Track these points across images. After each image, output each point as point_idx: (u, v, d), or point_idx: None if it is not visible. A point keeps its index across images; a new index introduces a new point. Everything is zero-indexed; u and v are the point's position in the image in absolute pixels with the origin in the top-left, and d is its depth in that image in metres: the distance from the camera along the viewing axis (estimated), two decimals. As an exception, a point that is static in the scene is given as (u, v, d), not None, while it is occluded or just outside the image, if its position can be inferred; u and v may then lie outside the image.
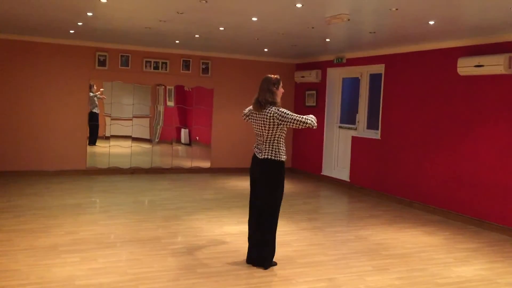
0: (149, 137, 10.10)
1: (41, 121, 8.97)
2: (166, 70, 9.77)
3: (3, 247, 4.76)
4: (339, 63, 9.45)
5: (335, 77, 9.89)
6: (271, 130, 4.39)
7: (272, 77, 4.51)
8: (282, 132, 4.45)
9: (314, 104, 10.17)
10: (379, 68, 8.53)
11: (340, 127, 9.79)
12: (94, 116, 9.61)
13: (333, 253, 5.08)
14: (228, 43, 8.52)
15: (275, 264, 4.57)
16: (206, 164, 10.33)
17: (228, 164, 10.39)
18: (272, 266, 4.52)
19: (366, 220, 6.63)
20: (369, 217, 6.81)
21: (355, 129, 9.26)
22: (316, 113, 8.70)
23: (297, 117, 4.35)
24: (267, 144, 4.44)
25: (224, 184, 8.96)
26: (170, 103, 10.25)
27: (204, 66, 10.08)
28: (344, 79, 9.82)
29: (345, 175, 9.29)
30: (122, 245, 5.04)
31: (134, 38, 8.38)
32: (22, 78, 8.81)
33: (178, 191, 8.14)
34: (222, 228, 5.85)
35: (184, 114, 10.42)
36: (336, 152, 9.88)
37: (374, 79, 8.88)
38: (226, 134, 10.34)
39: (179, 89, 10.15)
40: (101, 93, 9.63)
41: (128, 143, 9.78)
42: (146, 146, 10.01)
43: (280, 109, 4.39)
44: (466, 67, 6.48)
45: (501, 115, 6.27)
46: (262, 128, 4.43)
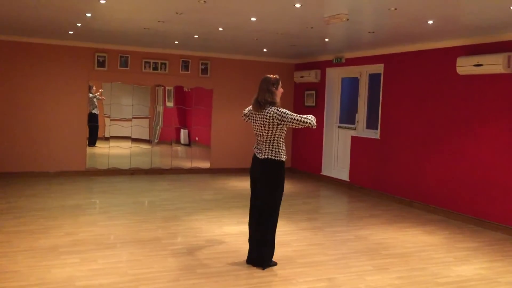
0: (149, 138, 10.10)
1: (41, 122, 8.97)
2: (165, 71, 9.77)
3: (3, 248, 4.75)
4: (338, 63, 9.45)
5: (334, 77, 9.89)
6: (271, 130, 4.39)
7: (272, 77, 4.52)
8: (282, 132, 4.45)
9: (314, 104, 10.17)
10: (378, 68, 8.53)
11: (340, 127, 9.80)
12: (94, 117, 9.61)
13: (333, 253, 5.08)
14: (227, 44, 8.52)
15: (275, 264, 4.57)
16: (206, 165, 10.33)
17: (228, 165, 10.39)
18: (272, 266, 4.52)
19: (366, 220, 6.63)
20: (369, 217, 6.82)
21: (355, 129, 9.27)
22: (316, 113, 8.70)
23: (297, 117, 4.35)
24: (267, 144, 4.44)
25: (224, 185, 8.96)
26: (170, 104, 10.25)
27: (203, 67, 10.08)
28: (343, 79, 9.82)
29: (345, 175, 9.29)
30: (122, 246, 5.04)
31: (133, 39, 8.38)
32: (21, 79, 8.81)
33: (178, 192, 8.13)
34: (222, 229, 5.84)
35: (184, 115, 10.42)
36: (336, 152, 9.88)
37: (373, 79, 8.88)
38: (226, 135, 10.34)
39: (179, 90, 10.15)
40: (101, 94, 9.63)
41: (128, 144, 9.78)
42: (146, 147, 10.01)
43: (280, 109, 4.40)
44: (465, 67, 6.49)
45: (500, 114, 6.27)
46: (262, 128, 4.43)
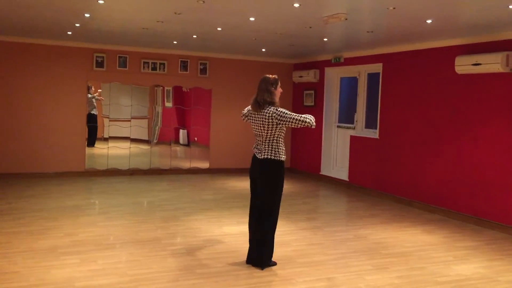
0: (148, 138, 10.10)
1: (39, 123, 8.96)
2: (164, 71, 9.77)
3: (3, 249, 4.75)
4: (337, 63, 9.45)
5: (333, 77, 9.89)
6: (270, 130, 4.39)
7: (270, 77, 4.51)
8: (281, 132, 4.45)
9: (313, 104, 10.17)
10: (377, 67, 8.53)
11: (339, 127, 9.80)
12: (93, 118, 9.60)
13: (333, 253, 5.08)
14: (226, 44, 8.52)
15: (275, 264, 4.57)
16: (205, 165, 10.32)
17: (227, 165, 10.39)
18: (272, 266, 4.52)
19: (365, 219, 6.63)
20: (368, 216, 6.82)
21: (354, 129, 9.27)
22: (315, 113, 8.71)
23: (296, 116, 4.35)
24: (267, 144, 4.44)
25: (223, 185, 8.95)
26: (168, 104, 10.25)
27: (202, 67, 10.07)
28: (342, 79, 9.82)
29: (344, 175, 9.30)
30: (122, 247, 5.04)
31: (132, 39, 8.38)
32: (20, 80, 8.80)
33: (177, 192, 8.13)
34: (222, 229, 5.84)
35: (183, 115, 10.42)
36: (335, 152, 9.89)
37: (372, 78, 8.88)
38: (225, 135, 10.33)
39: (177, 90, 10.14)
40: (99, 95, 9.63)
41: (127, 144, 9.77)
42: (145, 147, 10.01)
43: (279, 109, 4.40)
44: (464, 66, 6.49)
45: (499, 113, 6.27)
46: (261, 128, 4.43)
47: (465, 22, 5.75)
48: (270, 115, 4.36)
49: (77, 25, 7.06)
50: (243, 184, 8.76)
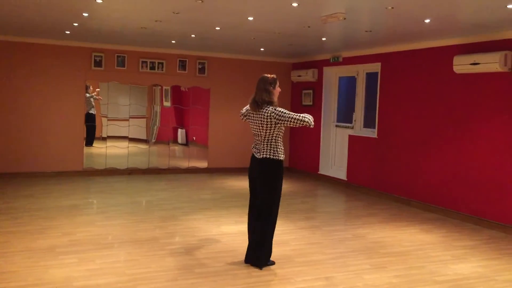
0: (146, 138, 10.09)
1: (38, 122, 8.95)
2: (163, 70, 9.76)
3: (1, 249, 4.74)
4: (336, 62, 9.46)
5: (332, 76, 9.90)
6: (269, 130, 4.39)
7: (269, 77, 4.51)
8: (280, 131, 4.45)
9: (311, 103, 10.17)
10: (376, 67, 8.54)
11: (337, 126, 9.81)
12: (91, 117, 9.60)
13: (331, 252, 5.09)
14: (225, 43, 8.51)
15: (273, 263, 4.57)
16: (203, 164, 10.32)
17: (225, 164, 10.38)
18: (270, 265, 4.53)
19: (364, 219, 6.63)
20: (367, 216, 6.82)
21: (352, 128, 9.28)
22: (313, 112, 8.69)
23: (294, 116, 4.35)
24: (265, 144, 4.44)
25: (222, 184, 8.95)
26: (167, 103, 10.25)
27: (201, 66, 10.07)
28: (341, 78, 9.83)
29: (342, 174, 9.30)
30: (120, 246, 5.03)
31: (130, 39, 8.37)
32: (18, 79, 8.79)
33: (176, 192, 8.13)
34: (220, 228, 5.84)
35: (181, 114, 10.41)
36: (333, 151, 9.89)
37: (371, 78, 8.89)
38: (223, 134, 10.33)
39: (176, 89, 10.14)
40: (97, 94, 9.62)
41: (125, 144, 9.76)
42: (143, 147, 10.00)
43: (277, 109, 4.40)
44: (462, 65, 6.50)
45: (497, 113, 6.28)
46: (260, 128, 4.43)
47: (463, 22, 5.76)
48: (269, 115, 4.36)
49: (76, 25, 7.05)
50: (242, 184, 8.76)
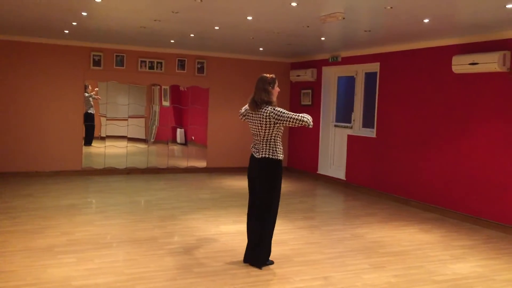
0: (145, 137, 10.09)
1: (36, 122, 8.94)
2: (161, 70, 9.75)
3: (-1, 249, 4.75)
4: (335, 62, 9.46)
5: (331, 76, 9.90)
6: (268, 130, 4.39)
7: (268, 77, 4.51)
8: (279, 131, 4.45)
9: (310, 103, 10.17)
10: (374, 67, 8.54)
11: (336, 126, 9.81)
12: (90, 117, 9.59)
13: (330, 252, 5.09)
14: (224, 43, 8.51)
15: (272, 263, 4.57)
16: (202, 164, 10.32)
17: (224, 164, 10.38)
18: (269, 265, 4.53)
19: (362, 218, 6.64)
20: (365, 215, 6.83)
21: (351, 128, 9.28)
22: (312, 112, 8.71)
23: (293, 115, 4.35)
24: (264, 143, 4.44)
25: (220, 184, 8.95)
26: (166, 103, 10.24)
27: (199, 66, 10.06)
28: (340, 78, 9.83)
29: (341, 174, 9.31)
30: (119, 246, 5.03)
31: (129, 38, 8.36)
32: (16, 79, 8.77)
33: (174, 191, 8.13)
34: (219, 228, 5.84)
35: (180, 114, 10.41)
36: (332, 151, 9.90)
37: (370, 78, 8.89)
38: (222, 134, 10.33)
39: (175, 89, 10.14)
40: (96, 93, 9.61)
41: (124, 143, 9.76)
42: (142, 146, 10.00)
43: (276, 108, 4.40)
44: (461, 65, 6.50)
45: (496, 112, 6.29)
46: (259, 128, 4.43)
47: (462, 22, 5.77)
48: (268, 115, 4.36)
49: (74, 24, 7.05)
50: (240, 183, 8.77)
